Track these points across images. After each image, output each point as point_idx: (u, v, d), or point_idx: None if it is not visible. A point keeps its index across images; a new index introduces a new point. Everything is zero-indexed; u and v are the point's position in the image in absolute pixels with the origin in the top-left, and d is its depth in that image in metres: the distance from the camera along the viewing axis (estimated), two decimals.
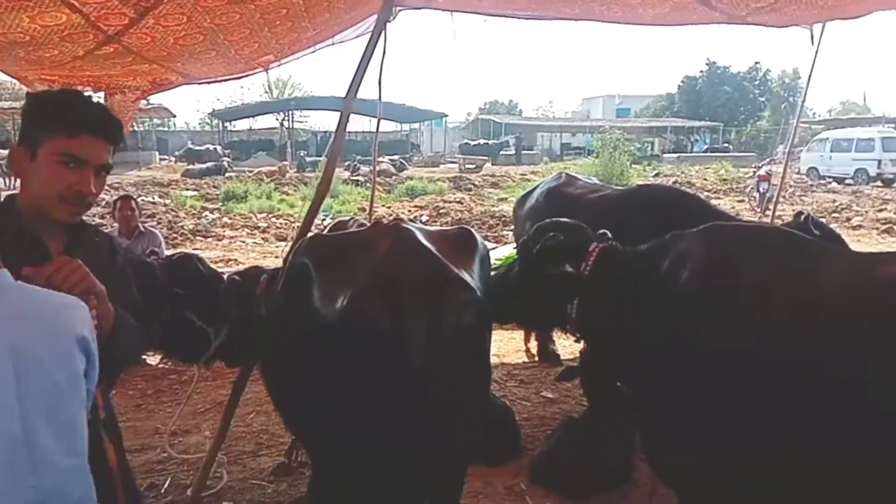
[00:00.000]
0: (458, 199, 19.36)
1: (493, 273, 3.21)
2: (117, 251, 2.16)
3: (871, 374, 1.91)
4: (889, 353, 1.91)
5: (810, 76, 7.11)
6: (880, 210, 16.64)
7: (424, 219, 15.75)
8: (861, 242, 12.85)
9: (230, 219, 16.20)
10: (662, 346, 2.45)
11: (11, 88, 43.31)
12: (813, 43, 6.64)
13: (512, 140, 42.68)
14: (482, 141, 41.34)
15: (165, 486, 3.83)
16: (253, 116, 46.88)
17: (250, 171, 26.68)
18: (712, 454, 2.32)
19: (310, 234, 3.04)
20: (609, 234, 3.08)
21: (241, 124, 47.65)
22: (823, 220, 14.73)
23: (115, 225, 6.39)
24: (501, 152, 39.60)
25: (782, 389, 2.08)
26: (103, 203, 11.50)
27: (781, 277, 2.25)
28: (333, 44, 5.37)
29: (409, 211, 17.04)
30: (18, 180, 1.87)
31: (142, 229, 6.32)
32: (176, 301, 2.83)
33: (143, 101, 6.17)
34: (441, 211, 16.99)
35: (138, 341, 2.08)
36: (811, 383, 2.02)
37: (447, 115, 46.87)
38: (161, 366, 5.74)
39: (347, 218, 3.79)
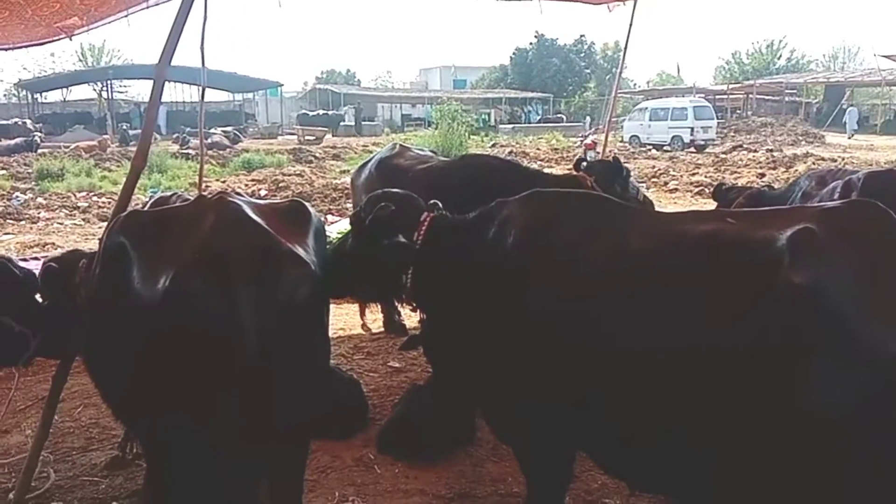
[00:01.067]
0: (298, 172, 18.93)
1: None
2: None
3: (673, 318, 2.12)
4: (686, 299, 2.11)
5: (626, 47, 7.63)
6: (693, 174, 18.14)
7: (263, 193, 15.27)
8: (677, 204, 13.98)
9: (45, 199, 14.85)
10: (492, 308, 2.56)
11: None
12: (609, 10, 7.16)
13: (351, 111, 42.25)
14: (321, 111, 40.56)
15: None
16: (66, 87, 43.11)
17: (66, 147, 24.50)
18: (536, 408, 2.48)
19: (126, 212, 2.85)
20: (440, 204, 3.15)
21: (54, 95, 43.69)
22: (644, 184, 15.96)
23: None
24: (342, 123, 39.10)
25: (599, 341, 2.26)
26: None
27: (596, 237, 2.42)
28: (148, 7, 5.03)
29: (247, 185, 16.45)
30: None
31: None
32: None
33: None
34: (281, 185, 16.53)
35: None
36: (625, 335, 2.20)
37: (283, 85, 45.62)
38: None
39: (170, 194, 3.60)
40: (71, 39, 5.00)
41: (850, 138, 29.80)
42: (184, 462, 2.36)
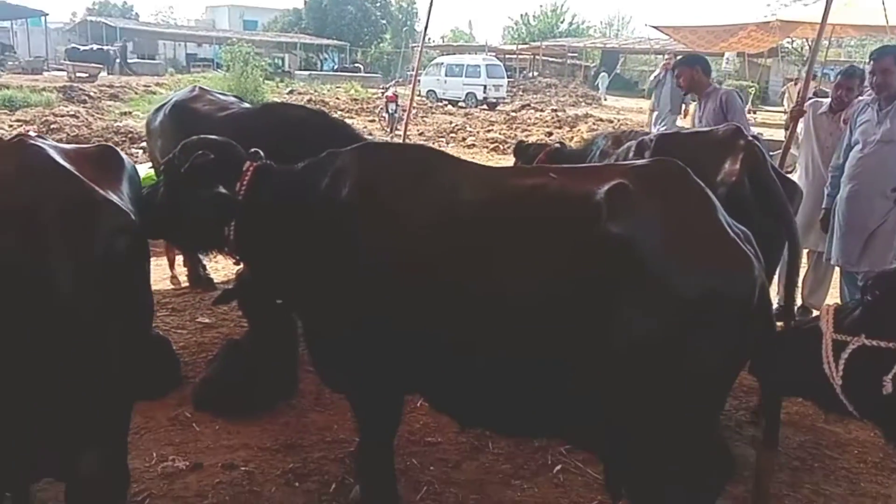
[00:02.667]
0: (72, 113, 17.02)
1: None
2: None
3: (501, 264, 2.26)
4: (514, 246, 2.27)
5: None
6: (488, 131, 18.94)
7: (33, 135, 13.59)
8: (476, 159, 14.58)
9: None
10: (323, 261, 2.56)
11: None
12: None
13: (131, 46, 38.72)
14: (95, 46, 36.66)
15: None
16: None
17: None
18: (368, 356, 2.55)
19: None
20: (261, 153, 3.06)
21: None
22: (443, 139, 16.41)
23: None
24: (118, 61, 35.69)
25: (432, 289, 2.36)
26: None
27: (428, 187, 2.50)
28: None
29: (11, 126, 14.54)
30: None
31: None
32: None
33: None
34: (52, 126, 14.77)
35: None
36: (457, 281, 2.31)
37: (47, 14, 40.48)
38: None
39: None
40: None
41: (604, 100, 32.42)
42: None
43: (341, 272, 2.51)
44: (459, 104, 27.71)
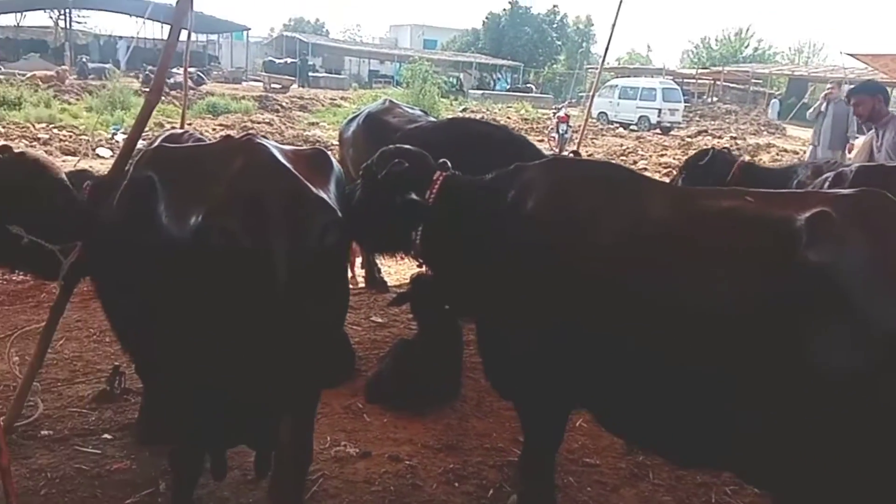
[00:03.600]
0: (266, 121, 18.58)
1: None
2: None
3: (694, 285, 2.23)
4: (708, 267, 2.23)
5: (615, 23, 7.66)
6: (661, 155, 18.43)
7: (273, 142, 14.95)
8: None
9: (3, 127, 14.35)
10: (508, 270, 2.65)
11: None
12: None
13: (319, 62, 41.51)
14: (289, 60, 39.68)
15: None
16: (21, 12, 41.12)
17: (22, 75, 23.53)
18: (548, 368, 2.59)
19: (154, 146, 2.83)
20: (449, 164, 3.21)
21: (6, 20, 41.60)
22: (613, 161, 16.14)
23: None
24: (311, 74, 38.39)
25: (616, 307, 2.37)
26: None
27: (618, 204, 2.52)
28: None
29: (214, 129, 16.11)
30: None
31: None
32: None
33: None
34: (249, 132, 16.18)
35: None
36: (643, 301, 2.31)
37: (249, 29, 44.44)
38: None
39: (181, 131, 3.56)
40: None
41: (780, 128, 30.18)
42: (203, 397, 2.41)
43: (524, 282, 2.58)
44: (631, 127, 27.17)
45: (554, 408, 2.78)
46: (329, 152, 2.94)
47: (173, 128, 7.46)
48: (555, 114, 19.56)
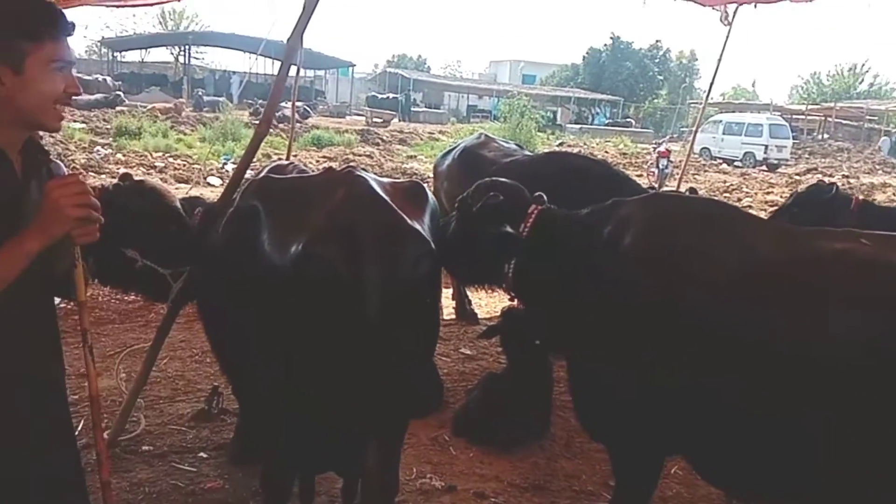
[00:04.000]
0: (367, 153, 19.13)
1: None
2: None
3: (803, 327, 2.11)
4: (817, 310, 2.11)
5: (721, 56, 7.44)
6: (767, 193, 17.74)
7: (372, 174, 15.45)
8: None
9: (124, 156, 15.39)
10: (605, 307, 2.58)
11: None
12: (725, 23, 6.97)
13: (420, 96, 42.49)
14: (391, 95, 40.82)
15: (79, 428, 3.68)
16: (145, 48, 44.26)
17: (144, 107, 25.23)
18: (644, 411, 2.49)
19: (259, 177, 2.95)
20: (545, 197, 3.18)
21: (132, 55, 44.87)
22: (716, 197, 15.63)
23: None
24: (413, 109, 39.37)
25: (718, 350, 2.26)
26: None
27: (722, 242, 2.42)
28: None
29: (318, 161, 16.70)
30: None
31: None
32: (117, 235, 2.72)
33: None
34: (350, 164, 16.72)
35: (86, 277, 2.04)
36: (748, 344, 2.20)
37: (354, 65, 46.01)
38: (63, 305, 5.48)
39: (286, 163, 3.71)
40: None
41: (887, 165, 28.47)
42: (294, 421, 2.45)
43: (619, 320, 2.51)
44: (735, 163, 26.28)
45: (648, 453, 2.67)
46: (424, 186, 2.97)
47: (280, 159, 7.77)
48: (655, 148, 19.20)
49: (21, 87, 1.64)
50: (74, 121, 20.02)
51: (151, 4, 5.58)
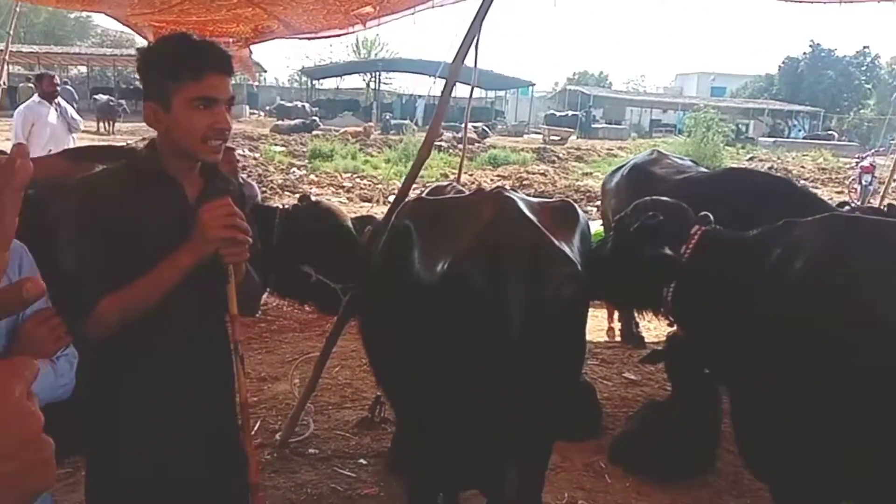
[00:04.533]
0: (541, 171, 19.13)
1: None
2: (245, 198, 2.22)
3: None
4: None
5: None
6: None
7: (522, 194, 15.61)
8: None
9: (317, 176, 16.52)
10: (773, 338, 2.39)
11: (114, 36, 45.20)
12: None
13: (600, 113, 41.86)
14: (569, 112, 40.60)
15: (255, 428, 4.01)
16: (340, 76, 47.43)
17: (336, 131, 27.01)
18: (816, 449, 2.28)
19: (413, 198, 3.07)
20: (711, 217, 3.01)
21: (329, 83, 48.33)
22: None
23: None
24: (593, 125, 38.92)
25: None
26: None
27: None
28: (433, 7, 5.35)
29: (492, 180, 16.96)
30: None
31: (241, 180, 6.53)
32: (295, 251, 2.93)
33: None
34: (524, 182, 16.85)
35: (258, 293, 2.21)
36: None
37: (534, 84, 46.26)
38: (252, 317, 5.99)
39: (445, 184, 3.83)
40: (365, 26, 5.41)
41: None
42: (438, 436, 2.50)
43: (789, 352, 2.31)
44: None
45: (819, 500, 2.42)
46: (575, 205, 2.93)
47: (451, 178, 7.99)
48: (857, 163, 17.48)
49: (171, 124, 1.81)
50: (276, 144, 21.90)
51: (338, 35, 5.95)
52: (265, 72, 45.50)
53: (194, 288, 1.81)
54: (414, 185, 3.78)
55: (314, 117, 30.51)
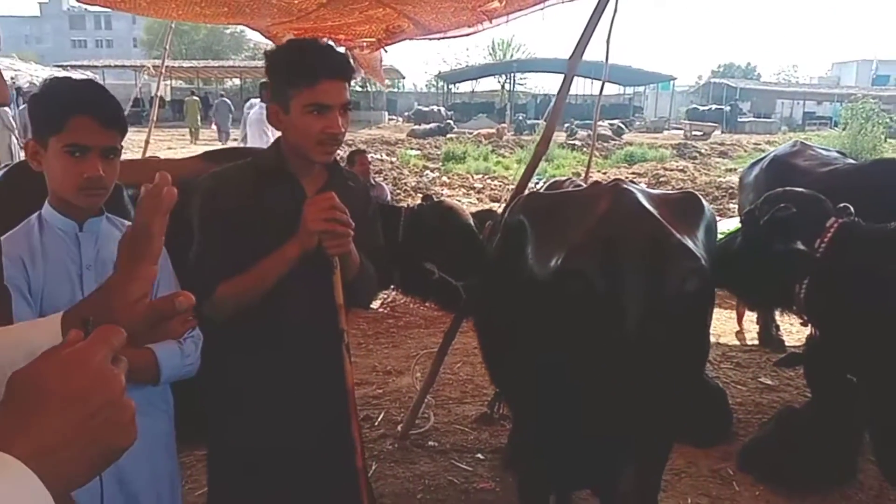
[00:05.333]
0: (680, 168, 18.41)
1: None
2: (370, 197, 2.31)
3: None
4: None
5: None
6: None
7: (642, 186, 15.16)
8: None
9: (448, 178, 16.80)
10: None
11: (265, 48, 48.25)
12: None
13: (748, 106, 39.64)
14: (713, 106, 38.77)
15: (379, 419, 4.14)
16: (476, 79, 47.91)
17: (470, 133, 27.30)
18: None
19: (527, 192, 3.04)
20: (851, 209, 2.79)
21: (465, 86, 48.95)
22: None
23: None
24: (739, 119, 36.98)
25: None
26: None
27: None
28: (562, 2, 5.28)
29: (627, 178, 16.54)
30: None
31: (372, 182, 6.79)
32: (418, 249, 3.01)
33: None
34: (661, 179, 16.28)
35: (373, 287, 2.28)
36: None
37: (675, 79, 44.56)
38: (380, 310, 6.19)
39: (564, 178, 3.76)
40: (490, 21, 5.42)
41: None
42: (552, 433, 2.47)
43: None
44: None
45: None
46: (700, 197, 2.78)
47: (569, 176, 7.85)
48: None
49: (289, 126, 1.92)
50: (411, 148, 22.48)
51: (467, 34, 6.01)
52: (403, 78, 46.85)
53: (305, 278, 1.91)
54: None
55: (449, 121, 31.02)
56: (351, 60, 2.01)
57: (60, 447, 0.70)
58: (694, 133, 29.79)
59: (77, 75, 24.93)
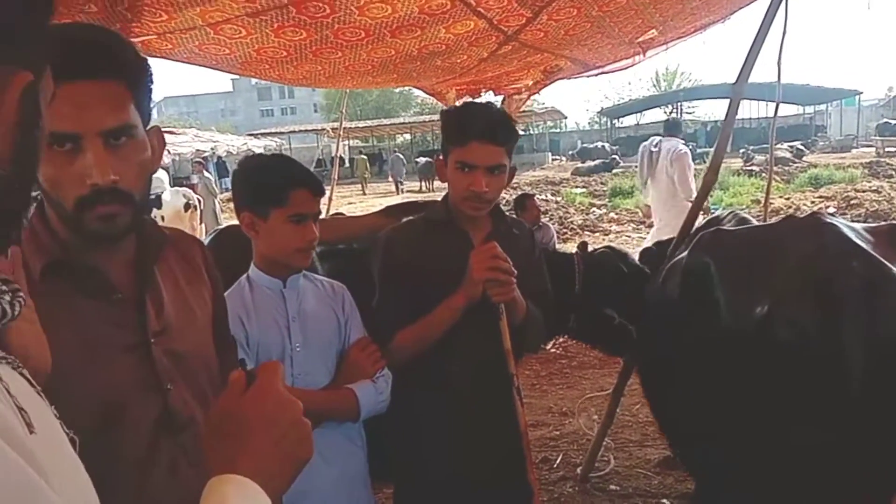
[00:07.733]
0: (874, 188, 16.78)
1: None
2: (536, 243, 2.38)
3: None
4: None
5: None
6: None
7: (831, 211, 14.03)
8: None
9: (616, 214, 16.51)
10: None
11: (432, 104, 50.42)
12: None
13: None
14: None
15: (557, 461, 4.12)
16: (640, 112, 47.00)
17: (636, 167, 26.60)
18: None
19: (712, 229, 2.87)
20: None
21: (629, 120, 48.13)
22: None
23: None
24: None
25: None
26: (503, 201, 12.62)
27: None
28: (723, 22, 5.11)
29: (812, 202, 15.36)
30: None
31: (539, 223, 6.87)
32: (595, 295, 3.02)
33: (537, 103, 6.64)
34: (852, 202, 14.91)
35: (541, 331, 2.33)
36: None
37: (861, 93, 41.06)
38: (553, 350, 6.18)
39: (726, 213, 3.56)
40: (645, 54, 5.36)
41: None
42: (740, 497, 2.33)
43: None
44: None
45: None
46: None
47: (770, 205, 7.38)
48: None
49: (447, 180, 2.11)
50: (576, 187, 22.35)
51: (624, 68, 6.00)
52: (565, 118, 46.94)
53: (473, 325, 2.02)
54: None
55: (614, 156, 30.54)
56: (509, 124, 2.11)
57: (268, 463, 0.84)
58: (888, 150, 27.15)
59: (268, 142, 27.48)
